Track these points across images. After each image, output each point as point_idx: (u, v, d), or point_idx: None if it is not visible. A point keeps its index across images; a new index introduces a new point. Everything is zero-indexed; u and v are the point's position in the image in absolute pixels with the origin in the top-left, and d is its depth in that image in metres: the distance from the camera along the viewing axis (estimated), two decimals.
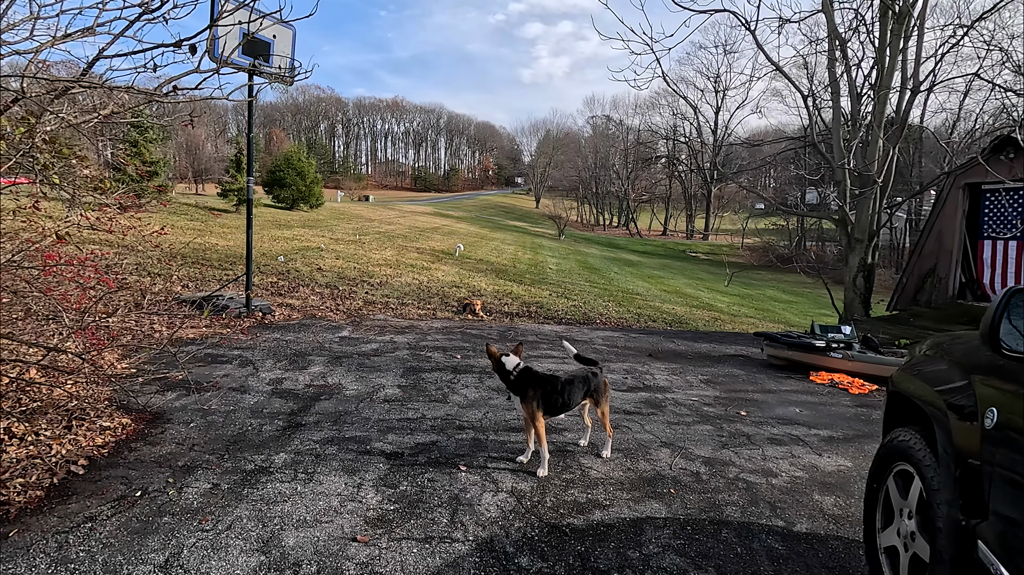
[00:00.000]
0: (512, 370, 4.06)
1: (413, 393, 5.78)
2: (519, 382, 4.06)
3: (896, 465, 2.83)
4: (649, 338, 10.01)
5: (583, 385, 4.34)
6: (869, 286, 12.00)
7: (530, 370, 4.11)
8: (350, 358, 6.94)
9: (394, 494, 3.64)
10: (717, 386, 6.99)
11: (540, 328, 10.27)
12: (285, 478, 3.74)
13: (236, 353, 6.69)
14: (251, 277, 8.48)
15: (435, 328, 9.27)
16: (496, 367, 4.13)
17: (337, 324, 8.88)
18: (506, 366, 4.07)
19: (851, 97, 11.09)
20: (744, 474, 4.35)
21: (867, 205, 11.39)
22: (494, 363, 4.13)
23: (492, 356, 4.14)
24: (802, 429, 5.55)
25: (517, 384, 4.06)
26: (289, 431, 4.54)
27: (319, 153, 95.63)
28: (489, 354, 4.15)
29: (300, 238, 21.50)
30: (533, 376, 4.11)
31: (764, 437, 5.24)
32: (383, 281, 13.93)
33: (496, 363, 4.12)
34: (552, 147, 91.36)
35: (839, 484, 4.30)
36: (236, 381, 5.68)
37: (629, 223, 69.79)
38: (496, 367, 4.13)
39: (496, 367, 4.13)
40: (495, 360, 4.13)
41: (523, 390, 4.06)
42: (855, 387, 7.17)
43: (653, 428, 5.26)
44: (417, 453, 4.32)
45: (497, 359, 4.11)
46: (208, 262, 12.97)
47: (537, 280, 19.31)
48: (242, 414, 4.82)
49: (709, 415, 5.80)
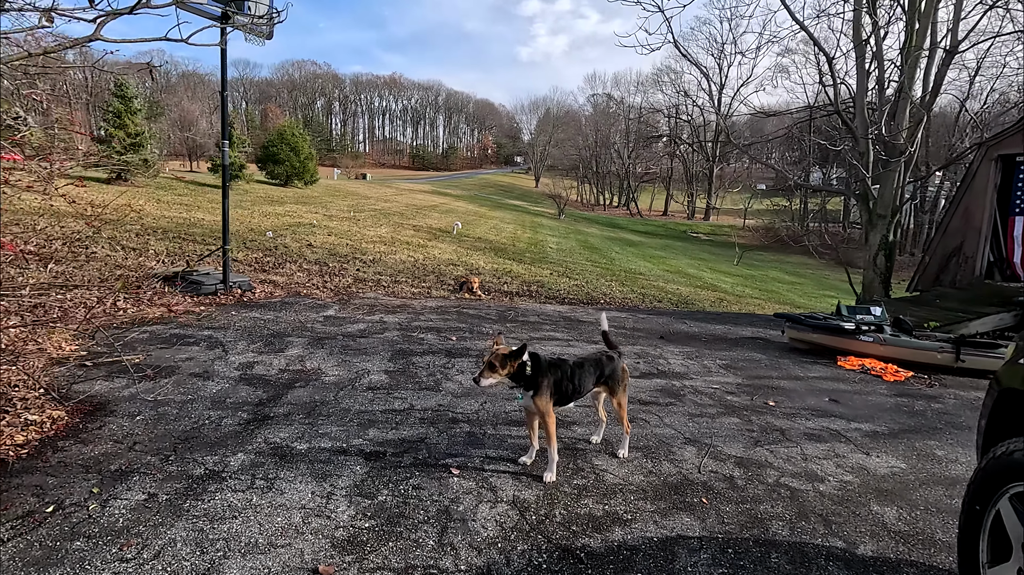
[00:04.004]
0: (527, 364, 3.32)
1: (401, 379, 5.13)
2: (534, 374, 3.38)
3: (1013, 486, 2.18)
4: (658, 319, 9.35)
5: (595, 370, 3.68)
6: (890, 265, 11.35)
7: (538, 357, 3.44)
8: (333, 339, 6.27)
9: (371, 507, 3.00)
10: (738, 372, 6.35)
11: (542, 308, 9.60)
12: (239, 486, 3.09)
13: (206, 333, 6.02)
14: (227, 250, 7.78)
15: (429, 307, 8.60)
16: (508, 371, 3.27)
17: (323, 302, 8.20)
18: (527, 365, 3.31)
19: (878, 61, 10.29)
20: (786, 478, 3.71)
21: (891, 179, 10.68)
22: (501, 364, 3.23)
23: (497, 356, 3.24)
24: (840, 422, 4.91)
25: (532, 377, 3.38)
26: (253, 425, 3.88)
27: (316, 131, 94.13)
28: (495, 360, 3.22)
29: (292, 214, 20.73)
30: (542, 364, 3.44)
31: (800, 432, 4.60)
32: (376, 258, 13.24)
33: (509, 361, 3.24)
34: (552, 125, 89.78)
35: (897, 491, 3.66)
36: (200, 365, 5.01)
37: (630, 203, 68.86)
38: (508, 371, 3.27)
39: (508, 371, 3.27)
40: (503, 360, 3.24)
41: (537, 382, 3.39)
42: (889, 374, 6.53)
43: (674, 421, 4.62)
44: (402, 452, 3.67)
45: (503, 357, 3.23)
46: (191, 237, 12.24)
47: (537, 259, 18.62)
48: (200, 405, 4.16)
49: (734, 406, 5.15)
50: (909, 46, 9.90)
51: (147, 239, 11.19)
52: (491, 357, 3.24)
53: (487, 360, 3.24)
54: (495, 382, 3.26)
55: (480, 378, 3.22)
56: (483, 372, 3.22)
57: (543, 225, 36.42)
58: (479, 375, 3.23)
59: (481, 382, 3.21)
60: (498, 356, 3.24)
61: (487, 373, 3.22)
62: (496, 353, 3.25)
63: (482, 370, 3.23)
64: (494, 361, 3.23)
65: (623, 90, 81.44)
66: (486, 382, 3.22)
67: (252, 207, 21.22)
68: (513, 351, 3.28)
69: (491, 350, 3.29)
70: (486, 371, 3.22)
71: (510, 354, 3.27)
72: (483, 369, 3.23)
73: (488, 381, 3.23)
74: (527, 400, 3.41)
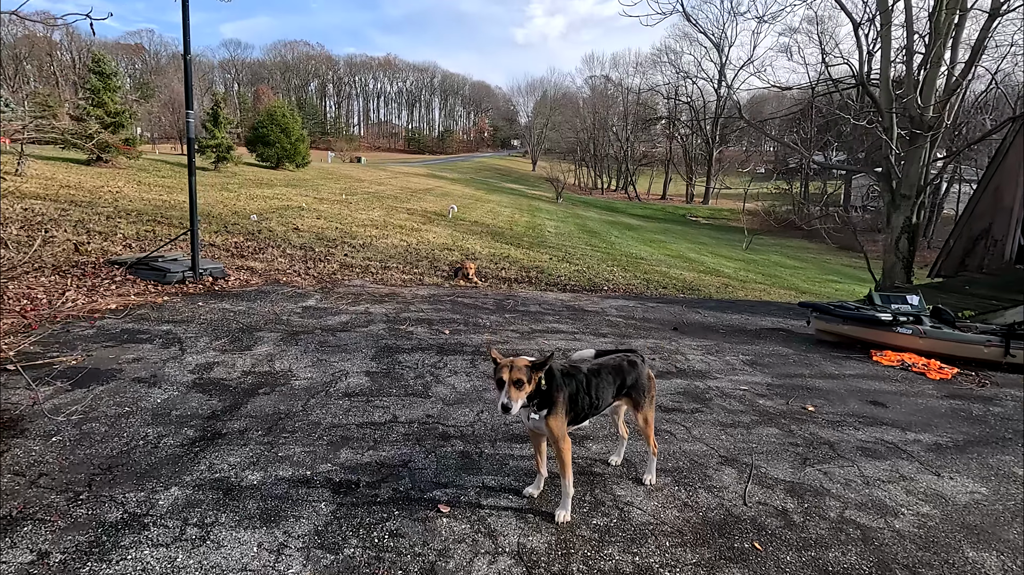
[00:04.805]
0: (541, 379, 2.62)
1: (385, 383, 4.42)
2: (548, 388, 2.67)
3: None
4: (669, 308, 8.65)
5: (615, 378, 2.98)
6: (913, 249, 10.64)
7: (551, 369, 2.72)
8: (310, 334, 5.55)
9: (334, 566, 2.30)
10: (765, 370, 5.66)
11: (543, 296, 8.89)
12: (164, 537, 2.39)
13: (164, 328, 5.29)
14: (196, 234, 7.02)
15: (420, 296, 7.88)
16: (533, 387, 2.57)
17: (303, 291, 7.47)
18: (542, 381, 2.62)
19: (907, 26, 9.49)
20: (851, 511, 3.03)
21: (917, 156, 9.94)
22: (527, 378, 2.52)
23: (521, 369, 2.51)
24: (895, 432, 4.23)
25: (547, 393, 2.67)
26: (198, 447, 3.18)
27: (310, 113, 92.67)
28: (520, 375, 2.50)
29: (281, 197, 19.88)
30: (556, 375, 2.74)
31: (851, 446, 3.91)
32: (366, 242, 12.48)
33: (533, 374, 2.54)
34: (549, 108, 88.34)
35: (988, 528, 2.98)
36: (148, 367, 4.29)
37: (628, 186, 67.87)
38: (533, 387, 2.57)
39: (533, 387, 2.57)
40: (528, 373, 2.52)
41: (551, 398, 2.68)
42: (933, 371, 5.84)
43: (704, 433, 3.93)
44: (379, 481, 2.97)
45: (527, 369, 2.52)
46: (167, 220, 11.45)
47: (536, 243, 17.89)
48: (137, 419, 3.45)
49: (768, 412, 4.47)
50: (941, 8, 9.10)
51: (118, 222, 10.40)
52: (514, 372, 2.50)
53: (512, 377, 2.50)
54: (522, 403, 2.55)
55: (510, 402, 2.47)
56: (510, 393, 2.48)
57: (541, 209, 35.60)
58: (507, 398, 2.47)
59: (512, 407, 2.47)
60: (521, 369, 2.52)
61: (514, 393, 2.49)
62: (517, 365, 2.52)
63: (507, 390, 2.48)
64: (520, 376, 2.50)
65: (622, 71, 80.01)
66: (517, 406, 2.50)
67: (239, 189, 20.36)
68: (535, 362, 2.58)
69: (508, 364, 2.53)
70: (512, 390, 2.49)
71: (533, 365, 2.56)
72: (508, 389, 2.49)
73: (519, 404, 2.51)
74: (538, 422, 2.70)
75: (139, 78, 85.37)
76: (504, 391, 2.49)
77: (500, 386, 2.52)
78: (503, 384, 2.51)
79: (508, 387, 2.49)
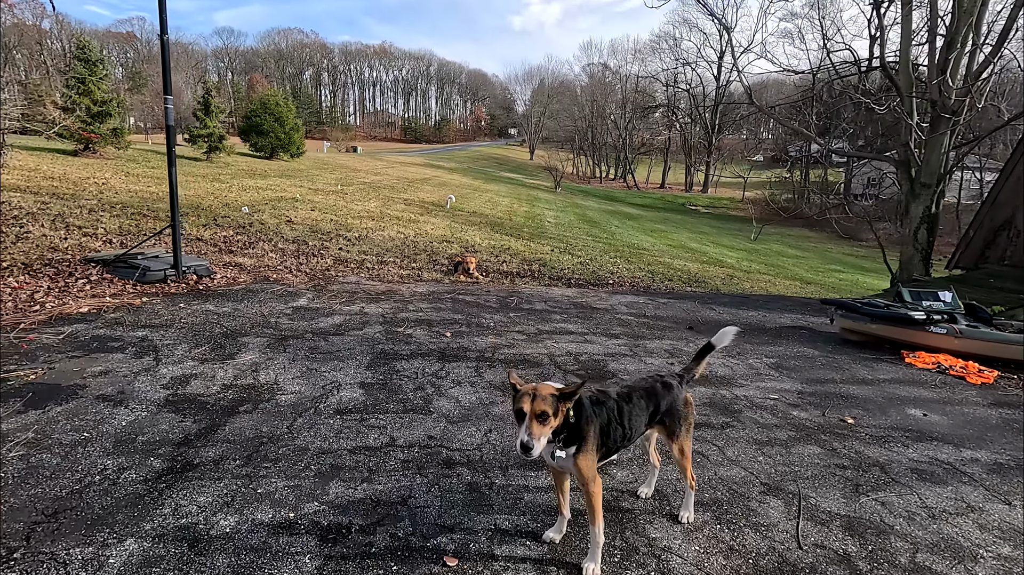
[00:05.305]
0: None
1: (381, 397, 3.99)
2: (577, 421, 2.23)
3: None
4: (681, 304, 8.22)
5: (648, 403, 2.54)
6: (932, 240, 10.21)
7: (580, 398, 2.28)
8: (300, 339, 5.11)
9: None
10: (792, 374, 5.24)
11: (547, 292, 8.45)
12: None
13: (140, 334, 4.84)
14: (178, 229, 6.55)
15: (419, 294, 7.44)
16: (560, 420, 2.14)
17: (295, 290, 7.02)
18: (570, 412, 2.18)
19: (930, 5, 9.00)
20: (923, 554, 2.61)
21: (939, 143, 9.48)
22: (553, 410, 2.07)
23: (546, 399, 2.07)
24: (948, 449, 3.81)
25: (576, 426, 2.23)
26: (165, 482, 2.74)
27: (304, 102, 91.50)
28: (545, 406, 2.05)
29: (275, 188, 19.36)
30: (585, 405, 2.30)
31: (904, 466, 3.50)
32: (362, 235, 12.01)
33: (561, 405, 2.12)
34: (547, 96, 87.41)
35: None
36: (116, 382, 3.84)
37: (626, 175, 67.25)
38: (560, 420, 2.14)
39: (560, 420, 2.14)
40: (555, 404, 2.09)
41: (581, 432, 2.24)
42: (972, 375, 5.43)
43: (739, 454, 3.51)
44: (374, 524, 2.54)
45: (553, 399, 2.08)
46: (153, 213, 10.96)
47: (536, 234, 17.44)
48: (98, 447, 3.01)
49: (804, 425, 4.05)
50: None
51: (100, 215, 9.91)
52: (538, 403, 2.05)
53: (535, 408, 2.04)
54: (547, 440, 2.11)
55: (532, 441, 2.01)
56: (531, 428, 2.02)
57: (540, 198, 35.08)
58: (528, 436, 2.01)
59: (534, 447, 2.01)
60: (547, 399, 2.07)
61: (536, 429, 2.03)
62: (542, 394, 2.07)
63: (528, 425, 2.02)
64: (545, 408, 2.05)
65: (620, 58, 79.30)
66: (540, 446, 2.04)
67: (231, 181, 19.82)
68: (562, 391, 2.13)
69: (530, 393, 2.08)
70: (534, 426, 2.03)
71: (560, 394, 2.12)
72: (530, 423, 2.03)
73: (541, 443, 2.05)
74: (564, 460, 2.26)
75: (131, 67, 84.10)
76: (524, 426, 2.04)
77: (519, 418, 2.08)
78: (523, 416, 2.06)
79: (530, 421, 2.04)
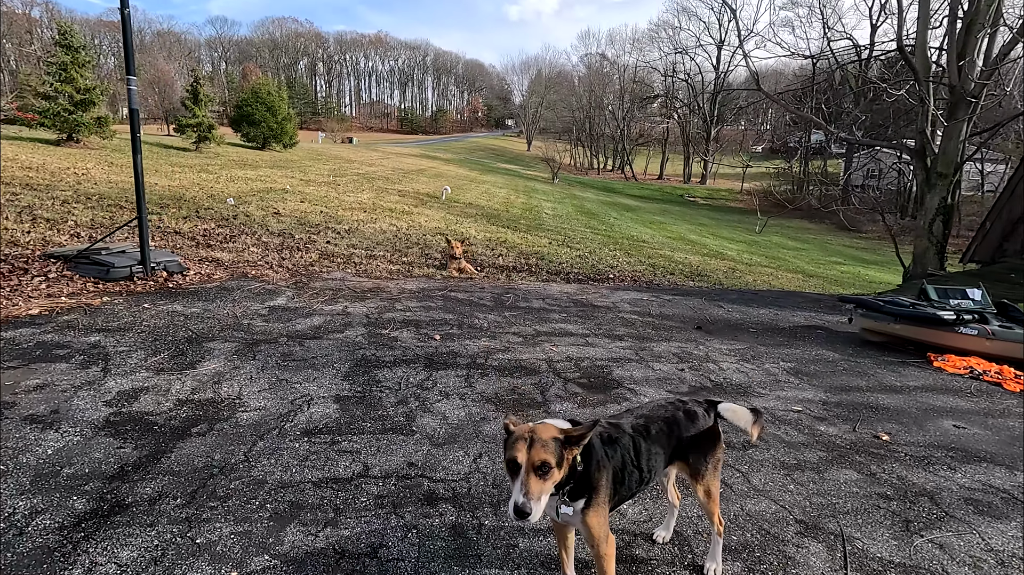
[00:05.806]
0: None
1: (357, 413, 3.51)
2: (586, 468, 1.76)
3: None
4: (687, 301, 7.76)
5: (668, 436, 2.08)
6: (947, 232, 9.75)
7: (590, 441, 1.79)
8: (273, 344, 4.63)
9: None
10: (813, 381, 4.79)
11: (545, 288, 7.97)
12: None
13: (90, 340, 4.35)
14: (145, 222, 6.06)
15: (408, 291, 6.95)
16: (565, 471, 1.67)
17: (273, 287, 6.53)
18: (578, 459, 1.71)
19: None
20: None
21: (957, 131, 9.00)
22: (557, 460, 1.60)
23: (547, 446, 1.59)
24: (1001, 472, 3.36)
25: (585, 474, 1.76)
26: (84, 530, 2.27)
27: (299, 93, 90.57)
28: (547, 455, 1.58)
29: (265, 179, 18.81)
30: (595, 447, 1.83)
31: (956, 495, 3.04)
32: (352, 228, 11.50)
33: (567, 451, 1.65)
34: (544, 87, 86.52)
35: None
36: (52, 399, 3.36)
37: (624, 166, 66.62)
38: (565, 471, 1.67)
39: (565, 471, 1.67)
40: (559, 451, 1.61)
41: (591, 481, 1.77)
42: (1009, 381, 4.98)
43: (766, 481, 3.05)
44: None
45: (557, 444, 1.61)
46: (131, 204, 10.42)
47: (533, 226, 16.94)
48: (12, 483, 2.53)
49: (835, 444, 3.59)
50: None
51: (73, 207, 9.39)
52: (537, 451, 1.57)
53: (533, 458, 1.56)
54: (548, 497, 1.62)
55: (528, 503, 1.52)
56: (529, 485, 1.54)
57: (537, 190, 34.53)
58: (523, 496, 1.52)
59: (534, 511, 1.52)
60: (548, 445, 1.59)
61: (534, 485, 1.55)
62: (541, 439, 1.59)
63: (524, 481, 1.54)
64: (546, 457, 1.57)
65: (618, 48, 78.50)
66: (539, 508, 1.55)
67: (219, 171, 19.24)
68: (568, 433, 1.65)
69: (526, 437, 1.60)
70: (532, 482, 1.55)
71: (566, 438, 1.64)
72: (527, 478, 1.55)
73: (542, 503, 1.57)
74: (571, 517, 1.79)
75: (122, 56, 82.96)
76: (519, 482, 1.55)
77: (513, 471, 1.60)
78: (518, 469, 1.58)
79: (526, 476, 1.55)
